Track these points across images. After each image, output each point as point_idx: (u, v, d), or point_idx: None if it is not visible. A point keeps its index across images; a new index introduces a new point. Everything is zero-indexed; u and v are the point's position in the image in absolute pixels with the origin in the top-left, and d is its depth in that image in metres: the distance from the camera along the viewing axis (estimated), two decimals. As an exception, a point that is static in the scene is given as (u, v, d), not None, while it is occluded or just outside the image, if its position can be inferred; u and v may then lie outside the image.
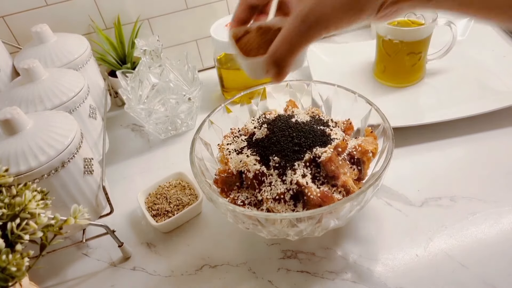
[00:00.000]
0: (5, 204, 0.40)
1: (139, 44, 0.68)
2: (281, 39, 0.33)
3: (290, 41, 0.33)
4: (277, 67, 0.34)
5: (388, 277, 0.50)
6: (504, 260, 0.49)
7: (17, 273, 0.37)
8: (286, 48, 0.33)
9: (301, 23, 0.32)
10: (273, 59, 0.34)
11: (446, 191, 0.58)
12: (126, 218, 0.63)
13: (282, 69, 0.35)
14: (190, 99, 0.71)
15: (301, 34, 0.32)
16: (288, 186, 0.48)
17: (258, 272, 0.53)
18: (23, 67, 0.57)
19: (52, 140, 0.48)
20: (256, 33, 0.40)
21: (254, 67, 0.38)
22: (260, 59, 0.36)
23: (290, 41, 0.33)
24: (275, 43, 0.34)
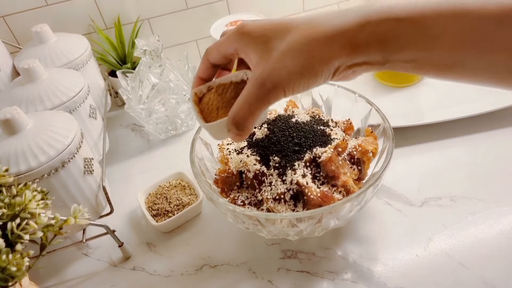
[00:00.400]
0: (5, 204, 0.40)
1: (139, 44, 0.68)
2: (241, 103, 0.35)
3: (250, 105, 0.34)
4: (237, 128, 0.35)
5: (388, 277, 0.50)
6: (504, 260, 0.49)
7: (17, 273, 0.37)
8: (246, 111, 0.34)
9: (259, 88, 0.33)
10: (234, 122, 0.35)
11: (446, 191, 0.58)
12: (126, 218, 0.63)
13: (243, 131, 0.36)
14: (190, 99, 0.71)
15: (260, 98, 0.33)
16: (288, 186, 0.48)
17: (258, 272, 0.53)
18: (23, 67, 0.57)
19: (52, 140, 0.48)
20: (215, 92, 0.41)
21: (215, 129, 0.39)
22: (221, 122, 0.38)
23: (250, 105, 0.34)
24: (235, 106, 0.35)
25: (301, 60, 0.32)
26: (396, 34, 0.30)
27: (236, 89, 0.41)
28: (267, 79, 0.33)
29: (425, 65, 0.31)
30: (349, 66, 0.33)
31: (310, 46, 0.32)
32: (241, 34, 0.36)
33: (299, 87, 0.33)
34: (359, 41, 0.31)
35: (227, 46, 0.38)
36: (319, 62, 0.32)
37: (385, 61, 0.31)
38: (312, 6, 0.90)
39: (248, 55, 0.36)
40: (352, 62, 0.32)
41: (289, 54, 0.33)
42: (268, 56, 0.34)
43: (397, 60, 0.31)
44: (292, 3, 0.89)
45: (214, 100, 0.41)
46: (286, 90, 0.33)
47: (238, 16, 0.78)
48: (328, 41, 0.31)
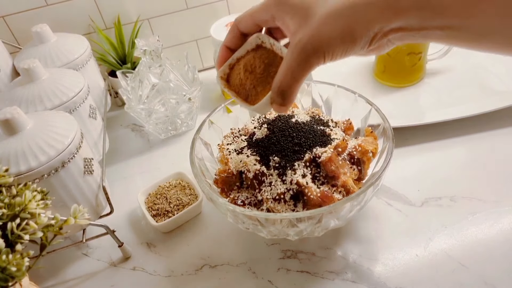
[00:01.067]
0: (5, 204, 0.40)
1: (139, 44, 0.68)
2: (283, 71, 0.35)
3: (292, 71, 0.34)
4: (283, 98, 0.36)
5: (388, 277, 0.50)
6: (504, 260, 0.49)
7: (17, 273, 0.37)
8: (290, 78, 0.35)
9: (300, 53, 0.33)
10: (279, 91, 0.35)
11: (446, 191, 0.58)
12: (126, 218, 0.63)
13: (288, 99, 0.36)
14: (190, 99, 0.71)
15: (301, 63, 0.34)
16: (288, 186, 0.48)
17: (258, 272, 0.53)
18: (23, 67, 0.57)
19: (52, 140, 0.48)
20: (244, 72, 0.41)
21: (261, 108, 0.39)
22: (266, 99, 0.38)
23: (292, 71, 0.34)
24: (278, 75, 0.35)
25: (341, 24, 0.32)
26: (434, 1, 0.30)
27: (263, 61, 0.40)
28: (307, 44, 0.33)
29: (461, 34, 0.31)
30: (386, 32, 0.33)
31: (350, 10, 0.32)
32: (279, 2, 0.36)
33: (338, 52, 0.33)
34: (398, 5, 0.31)
35: (263, 13, 0.38)
36: (359, 25, 0.32)
37: (421, 27, 0.32)
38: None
39: (285, 22, 0.36)
40: (390, 27, 0.32)
41: (329, 19, 0.33)
42: (308, 21, 0.34)
43: (433, 27, 0.31)
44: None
45: (247, 79, 0.41)
46: (326, 55, 0.33)
47: (238, 16, 0.78)
48: (368, 4, 0.32)
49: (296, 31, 0.34)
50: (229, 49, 0.42)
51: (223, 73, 0.42)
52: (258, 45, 0.41)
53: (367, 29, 0.32)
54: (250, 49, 0.41)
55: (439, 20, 0.31)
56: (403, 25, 0.32)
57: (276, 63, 0.40)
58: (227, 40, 0.42)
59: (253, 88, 0.40)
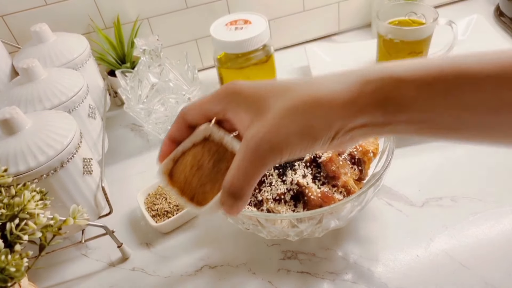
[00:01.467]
0: (4, 204, 0.40)
1: (138, 44, 0.68)
2: (234, 170, 0.31)
3: (245, 170, 0.30)
4: (235, 199, 0.31)
5: (389, 278, 0.49)
6: (505, 260, 0.49)
7: (16, 273, 0.36)
8: (242, 177, 0.30)
9: (254, 151, 0.30)
10: (230, 192, 0.31)
11: (447, 191, 0.58)
12: (125, 219, 0.62)
13: (240, 201, 0.31)
14: (190, 98, 0.71)
15: (255, 162, 0.30)
16: (288, 187, 0.48)
17: (258, 273, 0.53)
18: (22, 66, 0.57)
19: (51, 140, 0.48)
20: (190, 168, 0.36)
21: (210, 209, 0.34)
22: (215, 201, 0.33)
23: (245, 170, 0.30)
24: (229, 175, 0.31)
25: (299, 121, 0.30)
26: (398, 94, 0.29)
27: (212, 156, 0.35)
28: (263, 140, 0.30)
29: (429, 127, 0.29)
30: (349, 129, 0.30)
31: (311, 107, 0.30)
32: (232, 92, 0.33)
33: (297, 149, 0.30)
34: (360, 102, 0.29)
35: (213, 104, 0.34)
36: (319, 123, 0.30)
37: (386, 122, 0.30)
38: (312, 5, 0.89)
39: (238, 115, 0.33)
40: (353, 124, 0.30)
41: (287, 114, 0.30)
42: (263, 116, 0.30)
43: (399, 122, 0.29)
44: (292, 3, 0.88)
45: (193, 176, 0.35)
46: (284, 153, 0.30)
47: (238, 15, 0.77)
48: (329, 102, 0.30)
49: (249, 125, 0.31)
50: (173, 142, 0.37)
51: (166, 168, 0.37)
52: (206, 138, 0.36)
53: (328, 127, 0.30)
54: (197, 142, 0.36)
55: (405, 115, 0.29)
56: (367, 121, 0.30)
57: (227, 159, 0.35)
58: (171, 131, 0.37)
59: (201, 187, 0.35)
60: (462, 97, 0.27)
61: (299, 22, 0.92)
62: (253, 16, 0.77)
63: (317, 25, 0.94)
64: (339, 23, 0.95)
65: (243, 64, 0.76)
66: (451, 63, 0.28)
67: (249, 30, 0.73)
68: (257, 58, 0.75)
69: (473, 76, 0.27)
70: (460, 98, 0.27)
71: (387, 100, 0.29)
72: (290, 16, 0.90)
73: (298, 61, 0.88)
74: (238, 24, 0.75)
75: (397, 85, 0.29)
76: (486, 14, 0.90)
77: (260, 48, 0.74)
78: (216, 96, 0.34)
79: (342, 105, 0.29)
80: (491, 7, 0.93)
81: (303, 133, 0.30)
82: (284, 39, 0.94)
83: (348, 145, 0.34)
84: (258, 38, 0.72)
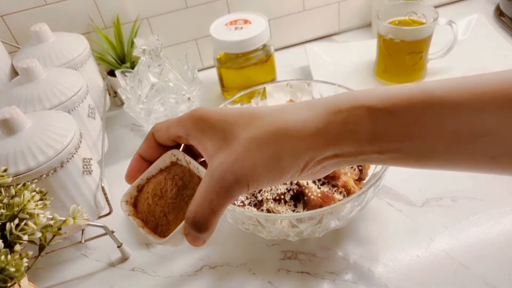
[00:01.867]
0: (4, 204, 0.40)
1: (138, 44, 0.68)
2: (198, 200, 0.29)
3: (210, 200, 0.29)
4: (199, 230, 0.30)
5: (389, 278, 0.49)
6: (506, 260, 0.49)
7: (16, 273, 0.36)
8: (207, 208, 0.29)
9: (219, 181, 0.29)
10: (194, 222, 0.30)
11: (447, 191, 0.58)
12: (125, 219, 0.62)
13: (205, 232, 0.30)
14: (189, 98, 0.70)
15: (220, 193, 0.29)
16: (288, 187, 0.48)
17: (258, 273, 0.52)
18: (22, 66, 0.57)
19: (51, 140, 0.48)
20: (152, 197, 0.34)
21: (173, 239, 0.32)
22: (178, 230, 0.31)
23: (210, 200, 0.29)
24: (192, 205, 0.30)
25: (268, 152, 0.28)
26: (370, 124, 0.28)
27: (176, 183, 0.34)
28: (228, 171, 0.28)
29: (401, 157, 0.29)
30: (320, 160, 0.30)
31: (279, 137, 0.29)
32: (196, 119, 0.31)
33: (264, 181, 0.29)
34: (330, 133, 0.28)
35: (177, 128, 0.33)
36: (287, 154, 0.29)
37: (358, 152, 0.29)
38: (312, 5, 0.89)
39: (202, 143, 0.31)
40: (323, 155, 0.29)
41: (254, 144, 0.29)
42: (229, 145, 0.29)
43: (371, 151, 0.29)
44: (292, 2, 0.88)
45: (156, 205, 0.34)
46: (250, 184, 0.29)
47: (238, 15, 0.77)
48: (297, 133, 0.29)
49: (215, 154, 0.30)
50: (143, 159, 0.36)
51: (130, 196, 0.35)
52: (174, 162, 0.35)
53: (296, 158, 0.29)
54: (163, 167, 0.35)
55: (377, 145, 0.28)
56: (338, 152, 0.29)
57: (192, 185, 0.34)
58: (141, 149, 0.35)
59: (164, 216, 0.33)
60: (435, 125, 0.27)
61: (299, 22, 0.91)
62: (253, 15, 0.77)
63: (317, 25, 0.93)
64: (339, 23, 0.95)
65: (243, 64, 0.76)
66: (423, 91, 0.28)
67: (249, 30, 0.73)
68: (257, 58, 0.75)
69: (446, 104, 0.27)
70: (432, 127, 0.27)
71: (358, 131, 0.28)
72: (290, 16, 0.90)
73: (298, 61, 0.88)
74: (238, 24, 0.75)
75: (368, 114, 0.28)
76: (486, 14, 0.90)
77: (260, 48, 0.74)
78: (181, 121, 0.32)
79: (310, 136, 0.29)
80: (491, 7, 0.93)
81: (270, 165, 0.29)
82: (284, 39, 0.94)
83: (320, 175, 0.33)
84: (258, 38, 0.72)
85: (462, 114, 0.26)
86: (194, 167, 0.34)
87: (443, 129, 0.27)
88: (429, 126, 0.27)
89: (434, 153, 0.28)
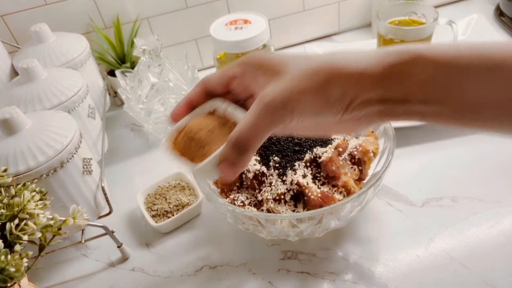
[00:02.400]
0: (4, 204, 0.40)
1: (138, 44, 0.68)
2: (244, 122, 0.31)
3: (254, 124, 0.30)
4: (238, 153, 0.31)
5: (389, 278, 0.49)
6: (505, 260, 0.49)
7: (16, 273, 0.36)
8: (250, 130, 0.31)
9: (266, 105, 0.30)
10: (236, 143, 0.31)
11: (447, 191, 0.58)
12: (125, 219, 0.62)
13: (243, 155, 0.31)
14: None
15: (264, 116, 0.30)
16: (288, 187, 0.48)
17: (258, 273, 0.52)
18: (22, 66, 0.57)
19: (51, 140, 0.48)
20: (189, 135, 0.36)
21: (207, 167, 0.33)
22: (215, 155, 0.32)
23: (254, 124, 0.30)
24: (237, 128, 0.31)
25: (316, 81, 0.30)
26: (418, 70, 0.28)
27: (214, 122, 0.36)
28: (276, 95, 0.30)
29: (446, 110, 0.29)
30: (364, 102, 0.30)
31: (329, 71, 0.30)
32: (252, 58, 0.34)
33: (308, 110, 0.30)
34: (379, 73, 0.29)
35: (234, 68, 0.35)
36: (336, 87, 0.30)
37: (403, 99, 0.29)
38: (312, 5, 0.89)
39: (256, 78, 0.33)
40: (368, 96, 0.30)
41: (304, 74, 0.30)
42: (280, 76, 0.31)
43: (417, 100, 0.29)
44: (292, 2, 0.88)
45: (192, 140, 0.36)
46: (295, 111, 0.30)
47: (238, 15, 0.77)
48: (346, 70, 0.30)
49: (266, 84, 0.32)
50: (188, 106, 0.38)
51: (170, 138, 0.38)
52: (211, 112, 0.37)
53: (343, 92, 0.30)
54: (203, 114, 0.38)
55: (424, 92, 0.29)
56: (384, 95, 0.30)
57: (228, 127, 0.36)
58: (190, 94, 0.38)
59: (200, 149, 0.35)
60: (483, 79, 0.27)
61: (299, 22, 0.91)
62: (253, 16, 0.77)
63: (317, 25, 0.93)
64: (339, 23, 0.95)
65: (243, 64, 0.76)
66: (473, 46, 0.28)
67: (249, 30, 0.73)
68: (257, 58, 0.75)
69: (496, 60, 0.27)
70: (480, 81, 0.27)
71: (405, 73, 0.29)
72: (290, 16, 0.90)
73: (298, 61, 0.88)
74: (238, 24, 0.75)
75: (417, 61, 0.29)
76: (486, 14, 0.90)
77: (260, 48, 0.74)
78: (237, 61, 0.35)
79: (359, 73, 0.30)
80: (491, 7, 0.93)
81: (317, 94, 0.30)
82: (284, 39, 0.94)
83: (360, 125, 0.33)
84: (258, 38, 0.72)
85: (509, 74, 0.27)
86: (230, 111, 0.36)
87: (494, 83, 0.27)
88: (478, 80, 0.27)
89: (481, 108, 0.28)
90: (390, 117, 0.32)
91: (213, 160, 0.32)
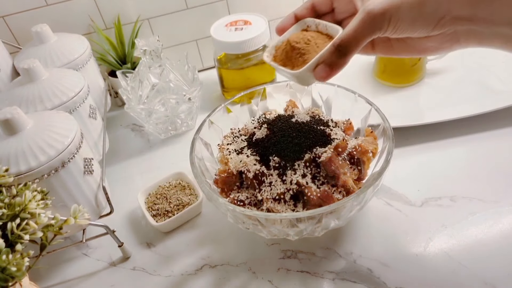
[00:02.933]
0: (5, 204, 0.40)
1: (139, 44, 0.68)
2: (347, 29, 0.36)
3: (356, 30, 0.35)
4: (339, 55, 0.36)
5: (388, 277, 0.50)
6: (504, 260, 0.49)
7: (17, 273, 0.37)
8: (352, 35, 0.36)
9: (368, 12, 0.35)
10: (338, 45, 0.36)
11: (446, 191, 0.58)
12: (126, 218, 0.63)
13: (343, 58, 0.37)
14: (190, 99, 0.71)
15: (365, 23, 0.35)
16: (288, 186, 0.48)
17: (258, 272, 0.53)
18: (23, 67, 0.57)
19: (52, 140, 0.48)
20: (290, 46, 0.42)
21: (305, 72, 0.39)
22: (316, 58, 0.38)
23: (356, 30, 0.35)
24: (342, 33, 0.37)
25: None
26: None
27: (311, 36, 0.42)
28: (377, 5, 0.34)
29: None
30: (454, 19, 0.33)
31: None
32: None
33: (404, 20, 0.34)
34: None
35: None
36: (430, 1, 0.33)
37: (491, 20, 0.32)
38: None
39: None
40: (459, 12, 0.33)
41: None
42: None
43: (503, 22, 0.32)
44: (292, 3, 0.89)
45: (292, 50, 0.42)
46: (392, 19, 0.34)
47: (238, 16, 0.78)
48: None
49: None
50: (296, 19, 0.44)
51: (270, 52, 0.44)
52: (304, 29, 0.43)
53: (436, 5, 0.33)
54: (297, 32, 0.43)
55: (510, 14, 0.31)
56: (473, 14, 0.32)
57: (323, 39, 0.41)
58: (299, 9, 0.44)
59: (300, 57, 0.41)
60: None
61: (299, 22, 0.92)
62: (253, 16, 0.77)
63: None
64: (339, 24, 0.95)
65: (243, 64, 0.76)
66: None
67: (249, 30, 0.73)
68: (257, 59, 0.76)
69: None
70: None
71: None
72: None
73: (298, 62, 0.88)
74: (238, 25, 0.75)
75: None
76: None
77: (260, 48, 0.74)
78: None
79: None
80: None
81: (413, 6, 0.34)
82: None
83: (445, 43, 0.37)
84: (258, 39, 0.72)
85: None
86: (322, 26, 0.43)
87: None
88: None
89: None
90: (475, 39, 0.35)
91: (314, 64, 0.38)
